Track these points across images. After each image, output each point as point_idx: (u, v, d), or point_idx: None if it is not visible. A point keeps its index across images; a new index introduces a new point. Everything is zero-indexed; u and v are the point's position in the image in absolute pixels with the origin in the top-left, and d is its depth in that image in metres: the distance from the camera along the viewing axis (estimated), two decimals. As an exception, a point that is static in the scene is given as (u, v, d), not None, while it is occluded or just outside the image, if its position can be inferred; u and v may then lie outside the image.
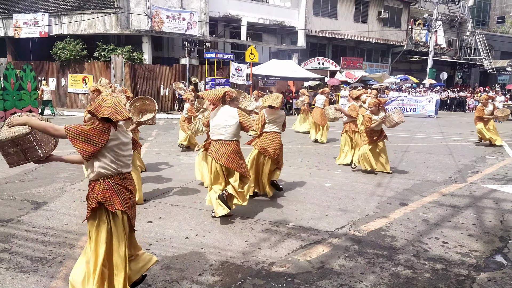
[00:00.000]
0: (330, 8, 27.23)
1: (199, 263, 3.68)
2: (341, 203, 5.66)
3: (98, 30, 20.53)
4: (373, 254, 3.95)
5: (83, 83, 20.98)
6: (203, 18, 21.41)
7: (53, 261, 3.66)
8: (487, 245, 4.25)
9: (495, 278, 3.52)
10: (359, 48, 30.55)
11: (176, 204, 5.47)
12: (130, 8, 19.89)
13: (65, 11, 20.87)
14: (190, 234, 4.38)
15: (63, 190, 6.04)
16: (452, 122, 19.47)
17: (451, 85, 34.07)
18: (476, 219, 5.06)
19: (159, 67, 21.18)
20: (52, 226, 4.52)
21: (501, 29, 42.03)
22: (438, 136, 13.79)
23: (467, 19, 34.89)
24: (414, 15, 32.19)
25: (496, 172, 7.86)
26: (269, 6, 25.00)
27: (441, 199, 5.96)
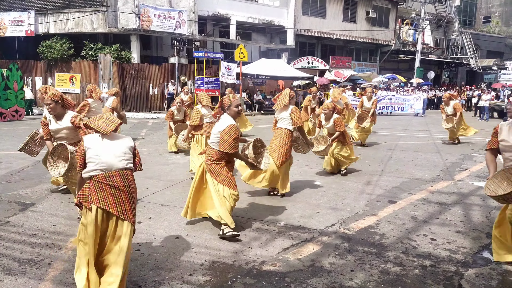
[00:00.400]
0: (319, 8, 27.34)
1: (190, 263, 3.67)
2: (331, 201, 5.69)
3: (85, 28, 20.30)
4: (363, 252, 3.98)
5: (70, 83, 20.74)
6: (192, 17, 21.31)
7: (41, 263, 3.61)
8: (474, 241, 4.32)
9: (483, 274, 3.57)
10: (348, 47, 30.74)
11: (166, 204, 5.44)
12: (117, 6, 19.70)
13: (52, 9, 20.60)
14: (180, 234, 4.36)
15: (50, 190, 5.96)
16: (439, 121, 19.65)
17: (438, 84, 34.51)
18: (463, 216, 5.14)
19: (148, 66, 21.03)
20: (40, 228, 4.46)
21: (487, 29, 42.72)
22: (426, 134, 13.96)
23: (454, 18, 35.35)
24: (401, 14, 32.51)
25: (483, 170, 7.97)
26: (258, 5, 25.00)
27: (429, 196, 6.03)
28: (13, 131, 12.44)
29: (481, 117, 21.21)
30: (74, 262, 3.59)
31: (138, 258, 3.75)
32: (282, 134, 5.76)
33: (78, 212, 3.91)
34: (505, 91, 25.24)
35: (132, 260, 3.69)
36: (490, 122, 19.29)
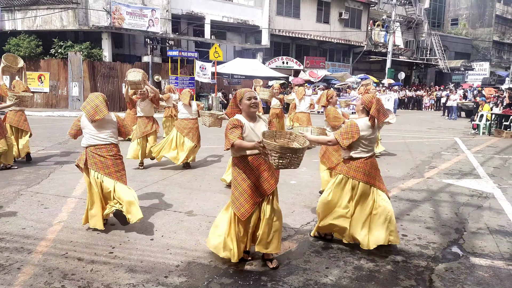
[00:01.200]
0: (293, 8, 27.56)
1: (165, 265, 3.63)
2: (306, 199, 5.75)
3: (55, 26, 19.72)
4: (337, 249, 4.05)
5: (39, 81, 20.10)
6: (165, 15, 21.06)
7: (10, 268, 3.49)
8: (444, 237, 4.46)
9: (452, 268, 3.70)
10: (322, 48, 31.13)
11: (140, 205, 5.34)
12: (88, 3, 19.23)
13: (19, 6, 19.90)
14: (155, 236, 4.30)
15: (19, 193, 5.76)
16: (409, 120, 20.23)
17: (409, 84, 35.44)
18: (433, 212, 5.30)
19: (120, 65, 20.62)
20: (8, 231, 4.30)
21: (454, 31, 44.18)
22: (397, 133, 14.29)
23: (423, 20, 36.37)
24: (373, 16, 33.20)
25: (451, 167, 8.25)
26: (232, 4, 24.97)
27: (400, 193, 6.19)
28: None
29: (449, 117, 21.93)
30: (44, 266, 3.51)
31: (111, 260, 3.68)
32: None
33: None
34: (473, 91, 26.20)
35: (106, 263, 3.62)
36: (458, 121, 19.98)
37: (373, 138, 3.95)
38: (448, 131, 15.27)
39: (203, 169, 7.66)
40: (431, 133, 14.43)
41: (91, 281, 3.31)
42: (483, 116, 14.83)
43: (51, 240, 4.10)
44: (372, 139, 3.95)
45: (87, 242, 4.08)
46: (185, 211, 5.12)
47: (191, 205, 5.39)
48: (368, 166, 3.93)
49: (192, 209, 5.20)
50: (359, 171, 3.91)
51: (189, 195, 5.87)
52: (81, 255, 3.76)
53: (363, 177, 3.92)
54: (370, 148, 3.97)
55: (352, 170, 3.93)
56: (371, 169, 3.96)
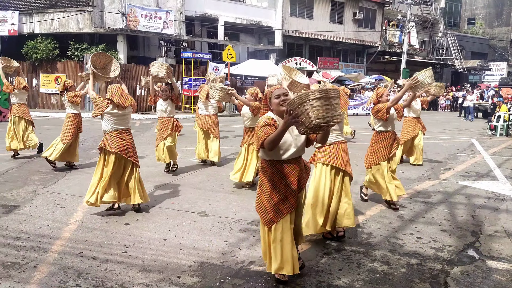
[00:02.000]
0: (307, 9, 27.49)
1: (178, 265, 3.65)
2: (319, 201, 5.71)
3: (71, 28, 20.06)
4: (351, 251, 4.01)
5: (55, 83, 20.45)
6: (179, 17, 21.23)
7: (26, 266, 3.55)
8: (459, 239, 4.39)
9: (468, 272, 3.63)
10: (335, 48, 30.96)
11: (154, 205, 5.40)
12: (104, 6, 19.51)
13: (37, 9, 20.31)
14: (168, 236, 4.33)
15: (35, 193, 5.87)
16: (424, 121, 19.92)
17: (424, 84, 34.91)
18: (449, 215, 5.21)
19: (135, 67, 20.86)
20: (25, 230, 4.39)
21: (471, 30, 43.47)
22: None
23: (439, 20, 35.90)
24: (388, 16, 32.88)
25: (468, 169, 8.11)
26: (246, 6, 25.02)
27: (415, 195, 6.11)
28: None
29: (466, 117, 21.57)
30: (59, 265, 3.57)
31: (125, 260, 3.71)
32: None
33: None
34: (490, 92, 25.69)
35: (120, 263, 3.66)
36: (475, 122, 19.64)
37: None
38: (464, 132, 15.02)
39: (216, 170, 7.69)
40: (447, 134, 14.21)
41: (105, 280, 3.35)
42: (501, 117, 14.55)
43: (67, 239, 4.17)
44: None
45: (102, 241, 4.14)
46: (198, 212, 5.15)
47: (204, 205, 5.41)
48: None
49: (205, 210, 5.23)
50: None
51: (202, 195, 5.90)
52: (95, 254, 3.81)
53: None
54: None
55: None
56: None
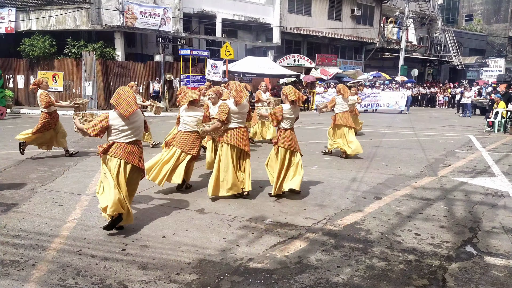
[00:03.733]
0: (305, 6, 27.44)
1: (177, 262, 3.65)
2: (317, 198, 5.73)
3: (68, 26, 19.98)
4: (349, 248, 4.02)
5: (53, 81, 20.38)
6: (177, 14, 21.16)
7: (25, 264, 3.55)
8: (457, 236, 4.40)
9: (466, 268, 3.65)
10: (333, 45, 30.93)
11: (153, 203, 5.40)
12: (101, 3, 19.42)
13: (34, 6, 20.21)
14: (167, 233, 4.33)
15: (34, 191, 5.86)
16: (423, 118, 20.00)
17: (422, 81, 35.01)
18: (447, 211, 5.23)
19: (133, 64, 20.80)
20: (23, 229, 4.38)
21: (469, 27, 43.48)
22: (410, 131, 14.15)
23: (437, 17, 35.89)
24: (386, 12, 32.85)
25: (466, 166, 8.13)
26: (244, 2, 24.94)
27: (413, 192, 6.12)
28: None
29: (463, 114, 21.61)
30: (58, 263, 3.56)
31: (124, 258, 3.72)
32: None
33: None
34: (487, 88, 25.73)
35: (118, 260, 3.66)
36: (472, 119, 19.68)
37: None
38: (462, 129, 15.05)
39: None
40: (445, 131, 14.24)
41: (104, 278, 3.35)
42: (498, 113, 14.57)
43: (65, 237, 4.17)
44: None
45: (100, 239, 4.14)
46: (196, 209, 5.15)
47: (202, 203, 5.41)
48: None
49: (204, 207, 5.23)
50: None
51: (200, 193, 5.90)
52: (94, 252, 3.81)
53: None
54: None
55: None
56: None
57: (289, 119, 5.66)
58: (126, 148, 4.31)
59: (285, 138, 5.60)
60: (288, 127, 5.67)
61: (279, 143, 5.60)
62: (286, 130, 5.65)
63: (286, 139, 5.59)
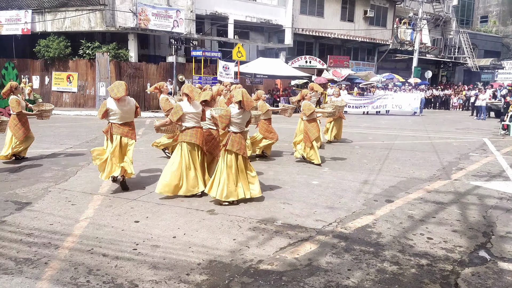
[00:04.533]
0: (317, 7, 27.36)
1: (187, 262, 3.67)
2: (328, 200, 5.70)
3: (83, 27, 20.25)
4: (360, 251, 3.99)
5: (67, 81, 20.68)
6: (189, 16, 21.28)
7: (38, 262, 3.60)
8: (471, 240, 4.33)
9: (479, 273, 3.59)
10: (346, 46, 30.77)
11: (163, 203, 5.44)
12: (115, 5, 19.64)
13: (49, 8, 20.53)
14: (177, 233, 4.36)
15: (47, 190, 5.95)
16: (436, 120, 19.76)
17: (436, 83, 34.60)
18: (460, 215, 5.15)
19: (146, 65, 20.99)
20: (36, 227, 4.45)
21: (484, 28, 42.84)
22: (423, 133, 13.99)
23: (452, 18, 35.43)
24: (399, 14, 32.55)
25: (480, 169, 8.00)
26: (256, 4, 24.98)
27: (426, 195, 6.05)
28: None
29: (478, 117, 21.28)
30: (70, 262, 3.61)
31: (135, 257, 3.74)
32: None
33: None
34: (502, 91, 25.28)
35: (129, 260, 3.69)
36: (487, 122, 19.37)
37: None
38: (476, 132, 14.83)
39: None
40: (459, 134, 14.05)
41: (115, 276, 3.38)
42: (514, 116, 14.30)
43: (78, 236, 4.22)
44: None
45: (112, 238, 4.18)
46: (207, 210, 5.17)
47: (213, 203, 5.43)
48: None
49: (214, 208, 5.24)
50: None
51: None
52: (106, 251, 3.85)
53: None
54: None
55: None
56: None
57: (237, 123, 5.47)
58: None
59: (234, 141, 5.42)
60: (237, 131, 5.50)
61: (227, 146, 5.43)
62: (236, 134, 5.47)
63: (235, 142, 5.42)
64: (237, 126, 5.52)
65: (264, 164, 8.13)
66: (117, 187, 6.09)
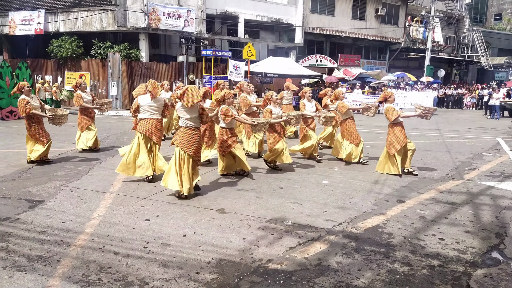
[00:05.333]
0: (328, 5, 27.22)
1: (197, 261, 3.68)
2: (338, 200, 5.67)
3: (95, 27, 20.46)
4: (370, 251, 3.96)
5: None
6: (200, 15, 21.35)
7: (50, 260, 3.65)
8: (483, 241, 4.27)
9: (492, 274, 3.53)
10: (357, 45, 30.56)
11: (174, 202, 5.47)
12: (127, 5, 19.81)
13: (62, 8, 20.80)
14: (187, 232, 4.38)
15: (60, 188, 6.03)
16: (449, 119, 19.52)
17: (449, 82, 34.16)
18: (472, 216, 5.08)
19: (156, 65, 21.13)
20: (49, 225, 4.51)
21: (498, 26, 42.16)
22: (435, 133, 13.82)
23: (465, 16, 34.93)
24: (411, 12, 32.20)
25: (493, 169, 7.88)
26: (266, 3, 24.95)
27: (438, 196, 5.98)
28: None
29: (491, 116, 20.96)
30: (82, 259, 3.65)
31: (145, 255, 3.77)
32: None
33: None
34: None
35: (140, 258, 3.72)
36: (501, 121, 19.07)
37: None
38: (490, 131, 14.61)
39: (235, 168, 7.71)
40: (472, 133, 13.85)
41: (126, 274, 3.41)
42: (529, 115, 14.06)
43: (89, 234, 4.26)
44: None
45: (123, 236, 4.21)
46: (216, 209, 5.18)
47: (223, 203, 5.44)
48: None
49: (224, 207, 5.25)
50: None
51: (221, 192, 5.94)
52: (117, 249, 3.88)
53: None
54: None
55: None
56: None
57: (181, 117, 5.62)
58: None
59: (177, 135, 5.65)
60: (183, 125, 5.64)
61: (173, 139, 5.74)
62: (181, 128, 5.70)
63: (177, 136, 5.64)
64: (182, 121, 5.61)
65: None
66: (128, 186, 6.15)
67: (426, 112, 7.12)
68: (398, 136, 7.06)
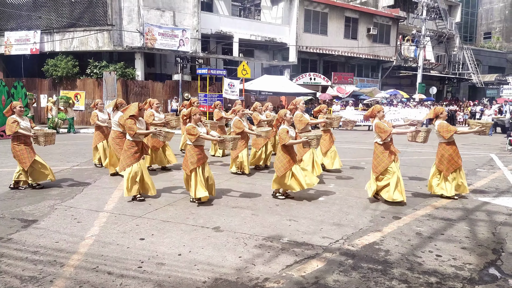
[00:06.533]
0: (321, 25, 27.68)
1: (192, 280, 3.63)
2: (334, 217, 5.65)
3: (91, 47, 20.59)
4: (368, 269, 3.94)
5: (75, 100, 20.91)
6: (195, 35, 21.60)
7: (43, 280, 3.58)
8: (480, 257, 4.26)
9: (490, 291, 3.51)
10: (350, 63, 30.99)
11: (169, 220, 5.42)
12: (122, 25, 20.01)
13: (58, 28, 20.94)
14: (183, 251, 4.33)
15: (53, 207, 5.96)
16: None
17: (441, 99, 34.59)
18: (469, 232, 5.08)
19: (152, 83, 21.23)
20: (42, 245, 4.44)
21: (487, 45, 43.03)
22: (429, 149, 13.90)
23: (455, 35, 35.66)
24: (402, 31, 32.83)
25: (488, 185, 7.92)
26: (260, 23, 25.34)
27: (434, 212, 5.98)
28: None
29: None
30: (75, 280, 3.58)
31: (140, 275, 3.72)
32: None
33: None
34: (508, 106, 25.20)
35: (134, 278, 3.66)
36: (493, 137, 19.25)
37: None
38: (483, 147, 14.73)
39: (229, 185, 7.69)
40: (466, 149, 13.95)
41: (120, 295, 3.35)
42: (521, 131, 14.22)
43: (83, 253, 4.20)
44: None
45: (117, 256, 4.16)
46: (212, 227, 5.14)
47: (219, 221, 5.40)
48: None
49: (219, 225, 5.21)
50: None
51: (216, 210, 5.90)
52: (111, 269, 3.83)
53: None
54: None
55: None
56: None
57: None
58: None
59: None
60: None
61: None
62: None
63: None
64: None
65: (269, 181, 8.10)
66: (123, 204, 6.10)
67: (484, 128, 6.93)
68: (456, 154, 6.83)
